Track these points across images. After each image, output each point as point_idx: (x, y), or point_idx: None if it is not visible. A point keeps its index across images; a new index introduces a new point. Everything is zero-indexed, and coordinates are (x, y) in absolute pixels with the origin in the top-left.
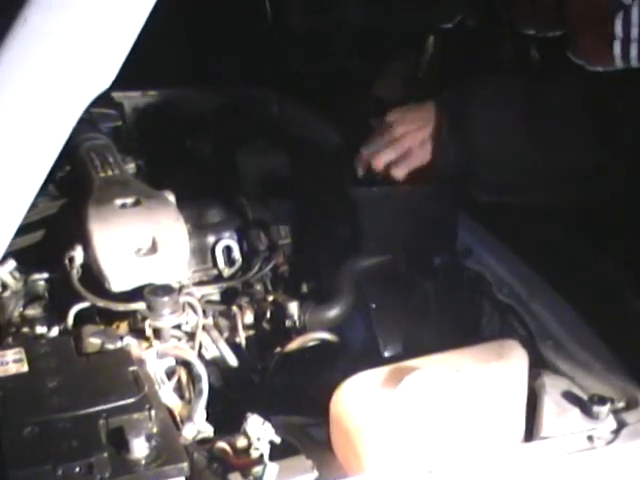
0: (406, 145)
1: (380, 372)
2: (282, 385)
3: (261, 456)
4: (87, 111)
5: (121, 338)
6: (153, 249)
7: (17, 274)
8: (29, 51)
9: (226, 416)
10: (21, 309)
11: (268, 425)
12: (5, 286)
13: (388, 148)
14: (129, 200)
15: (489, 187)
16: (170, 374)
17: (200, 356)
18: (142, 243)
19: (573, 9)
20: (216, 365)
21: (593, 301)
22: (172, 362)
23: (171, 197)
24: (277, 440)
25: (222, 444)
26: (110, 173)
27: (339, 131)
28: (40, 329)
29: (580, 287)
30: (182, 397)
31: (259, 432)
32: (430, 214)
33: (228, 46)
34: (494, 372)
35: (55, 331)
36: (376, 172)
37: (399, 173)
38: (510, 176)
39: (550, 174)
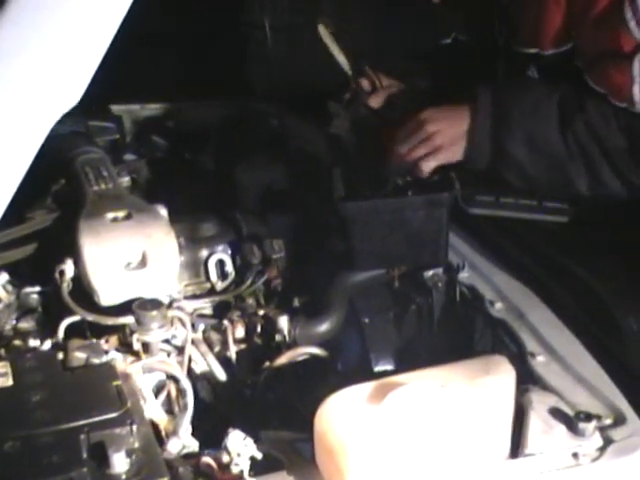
0: (437, 142)
1: (365, 388)
2: (273, 400)
3: (241, 472)
4: (84, 124)
5: (106, 352)
6: (143, 263)
7: (9, 287)
8: None
9: (216, 431)
10: (14, 322)
11: (249, 441)
12: None
13: (420, 145)
14: (120, 214)
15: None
16: (160, 389)
17: (190, 370)
18: (132, 257)
19: (591, 41)
20: (206, 379)
21: (585, 316)
22: (162, 377)
23: (163, 211)
24: (259, 456)
25: (207, 459)
26: (104, 187)
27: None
28: (33, 342)
29: (573, 302)
30: (172, 412)
31: (239, 448)
32: (421, 226)
33: (229, 59)
34: (480, 388)
35: (48, 344)
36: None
37: (427, 168)
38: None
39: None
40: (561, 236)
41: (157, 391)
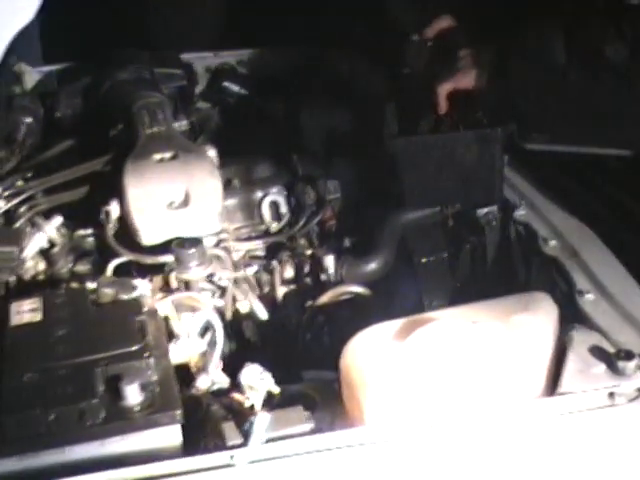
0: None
1: (395, 324)
2: (320, 340)
3: (252, 406)
4: (149, 71)
5: (135, 288)
6: (185, 203)
7: (64, 230)
8: None
9: None
10: (70, 265)
11: (267, 375)
12: (52, 242)
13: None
14: (167, 155)
15: (536, 128)
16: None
17: (236, 310)
18: (174, 196)
19: None
20: (251, 319)
21: None
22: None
23: (212, 152)
24: (276, 390)
25: (238, 395)
26: (156, 129)
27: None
28: (90, 285)
29: (631, 240)
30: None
31: (254, 382)
32: (473, 163)
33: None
34: (514, 325)
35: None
36: None
37: (442, 90)
38: (558, 114)
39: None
40: (622, 174)
41: (204, 330)
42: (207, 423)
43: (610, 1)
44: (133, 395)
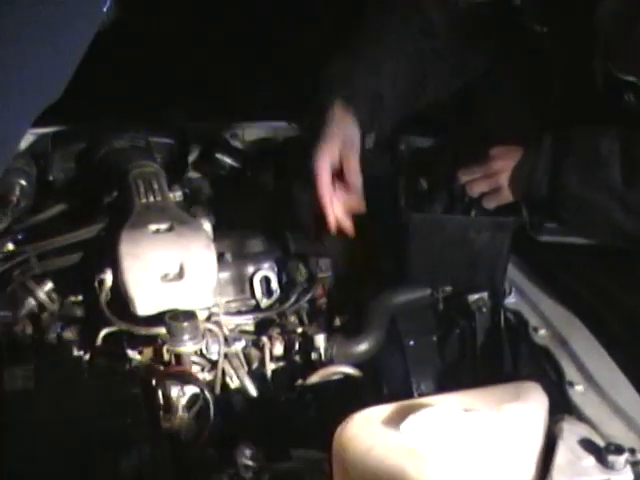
0: (500, 181)
1: (386, 409)
2: (306, 418)
3: None
4: (144, 139)
5: (130, 360)
6: (180, 275)
7: (54, 295)
8: None
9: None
10: (59, 331)
11: (260, 454)
12: (43, 307)
13: (483, 180)
14: (163, 226)
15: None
16: (194, 401)
17: (225, 385)
18: (170, 268)
19: None
20: (240, 395)
21: (631, 347)
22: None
23: (207, 225)
24: (268, 469)
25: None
26: (152, 199)
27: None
28: (77, 352)
29: (622, 332)
30: None
31: (247, 461)
32: (482, 247)
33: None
34: (506, 414)
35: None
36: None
37: (489, 205)
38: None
39: None
40: (614, 263)
41: (192, 403)
42: None
43: None
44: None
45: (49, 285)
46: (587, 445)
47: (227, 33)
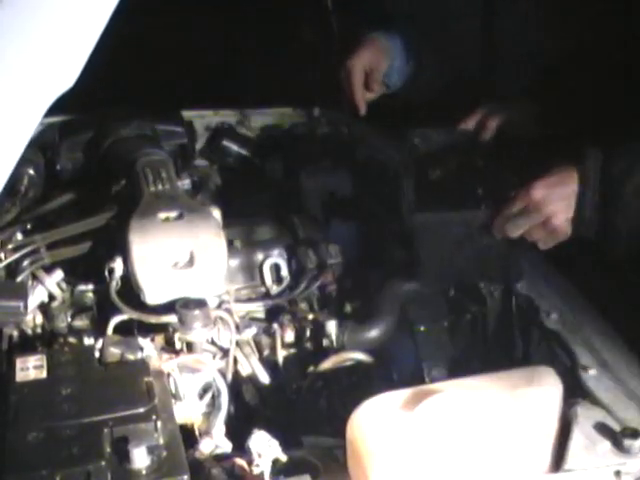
0: (555, 224)
1: (400, 394)
2: (318, 405)
3: (262, 473)
4: (151, 128)
5: (141, 349)
6: (190, 263)
7: (64, 285)
8: None
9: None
10: (69, 320)
11: (274, 442)
12: (52, 297)
13: (541, 228)
14: (172, 214)
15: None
16: (207, 389)
17: (236, 372)
18: (179, 257)
19: None
20: (251, 382)
21: None
22: (209, 378)
23: (216, 213)
24: (283, 458)
25: (240, 461)
26: (160, 188)
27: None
28: (87, 340)
29: (634, 315)
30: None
31: (262, 449)
32: (492, 241)
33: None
34: (520, 399)
35: (100, 343)
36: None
37: (546, 247)
38: None
39: None
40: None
41: (203, 391)
42: None
43: None
44: (140, 458)
45: (59, 275)
46: (602, 429)
47: (230, 17)
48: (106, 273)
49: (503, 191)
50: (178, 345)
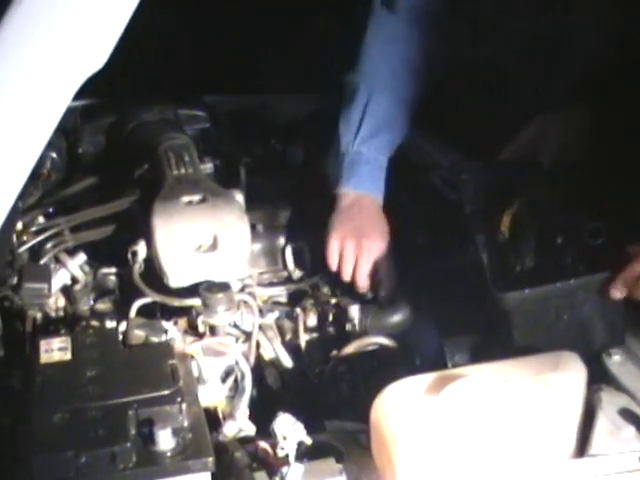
0: None
1: (425, 379)
2: (341, 389)
3: (286, 456)
4: (173, 112)
5: (165, 332)
6: (213, 246)
7: (87, 268)
8: (22, 31)
9: None
10: (91, 303)
11: (299, 425)
12: (75, 279)
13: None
14: (195, 197)
15: None
16: (229, 372)
17: (259, 356)
18: (203, 240)
19: None
20: (274, 366)
21: None
22: (232, 361)
23: (239, 196)
24: (307, 441)
25: (264, 444)
26: (183, 171)
27: None
28: (110, 323)
29: None
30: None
31: (287, 431)
32: (595, 307)
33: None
34: (545, 384)
35: (124, 325)
36: None
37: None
38: None
39: None
40: None
41: (226, 375)
42: (233, 471)
43: None
44: (165, 440)
45: (82, 257)
46: (627, 415)
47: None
48: (129, 256)
49: (585, 235)
50: (201, 328)
